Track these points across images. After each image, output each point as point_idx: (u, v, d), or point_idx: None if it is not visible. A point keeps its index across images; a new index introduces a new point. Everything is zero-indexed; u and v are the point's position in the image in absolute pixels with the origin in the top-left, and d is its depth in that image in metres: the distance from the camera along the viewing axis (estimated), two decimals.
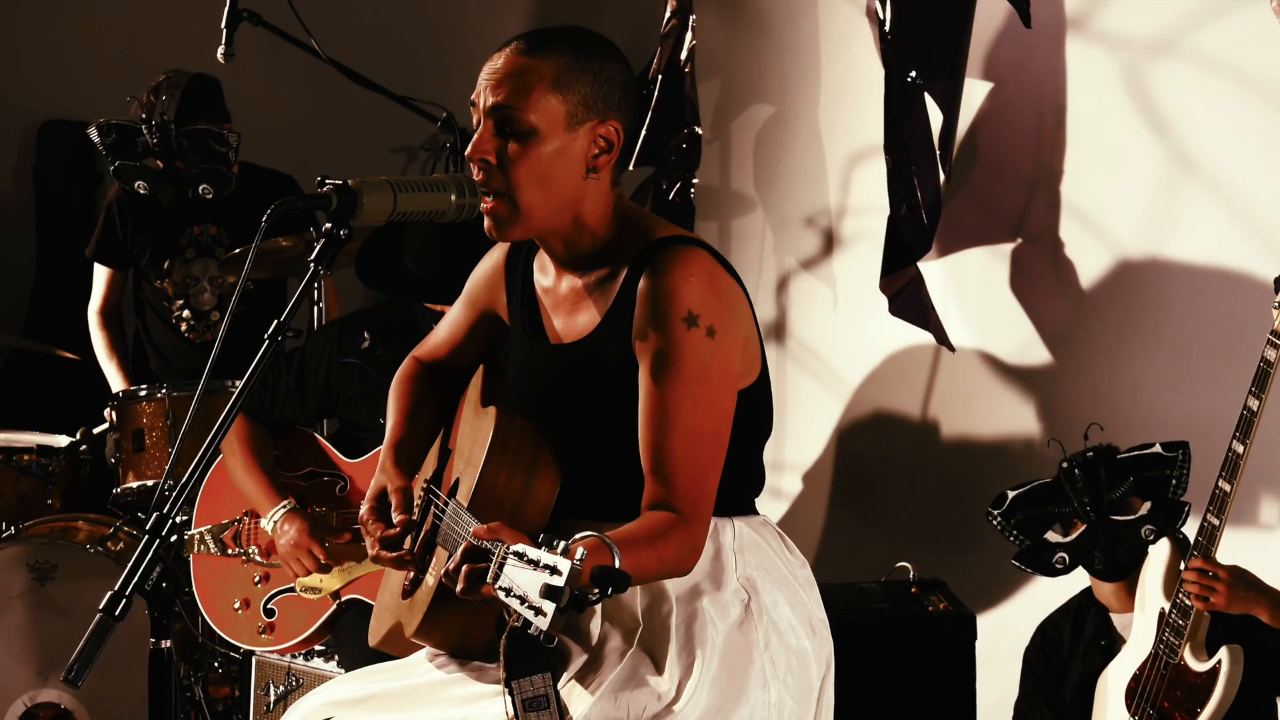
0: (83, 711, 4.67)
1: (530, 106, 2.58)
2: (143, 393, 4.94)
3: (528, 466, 2.69)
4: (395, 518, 2.83)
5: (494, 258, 2.95)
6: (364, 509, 2.88)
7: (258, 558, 4.19)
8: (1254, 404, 3.61)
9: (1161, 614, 3.81)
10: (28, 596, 4.67)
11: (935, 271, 5.29)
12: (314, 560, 4.05)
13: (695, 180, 5.67)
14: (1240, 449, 3.62)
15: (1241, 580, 3.70)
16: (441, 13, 6.64)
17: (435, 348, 3.09)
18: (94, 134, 5.18)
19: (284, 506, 4.09)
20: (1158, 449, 3.96)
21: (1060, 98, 5.05)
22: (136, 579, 2.38)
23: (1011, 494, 4.07)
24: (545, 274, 2.81)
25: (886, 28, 5.08)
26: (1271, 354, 3.59)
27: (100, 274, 5.57)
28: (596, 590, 2.22)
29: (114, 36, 6.60)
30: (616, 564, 2.31)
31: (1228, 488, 3.63)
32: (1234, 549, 3.87)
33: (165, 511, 2.41)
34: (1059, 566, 4.04)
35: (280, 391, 4.21)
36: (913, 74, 5.04)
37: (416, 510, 2.90)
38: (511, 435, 2.70)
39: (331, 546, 4.08)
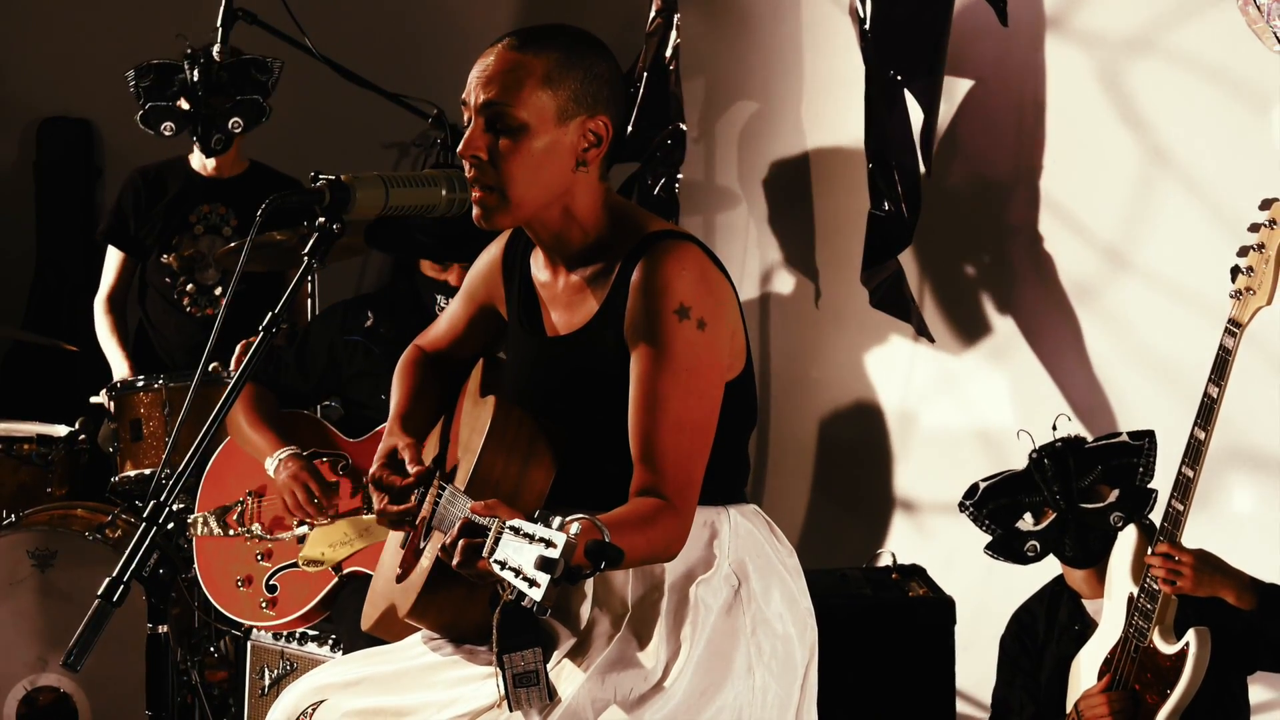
0: (81, 695, 4.69)
1: (521, 103, 2.61)
2: (140, 383, 4.97)
3: (524, 454, 2.72)
4: (411, 469, 2.82)
5: (492, 253, 2.97)
6: (374, 468, 2.88)
7: (260, 534, 4.25)
8: (1214, 391, 3.62)
9: (1130, 598, 3.81)
10: (28, 583, 4.69)
11: (915, 265, 5.34)
12: (305, 492, 4.11)
13: (679, 175, 5.72)
14: (1202, 435, 3.63)
15: (1207, 564, 3.71)
16: (432, 11, 6.67)
17: (436, 339, 3.11)
18: (131, 75, 5.21)
19: (290, 449, 4.16)
20: (1124, 438, 3.96)
21: (1039, 95, 5.08)
22: (134, 565, 2.41)
23: (983, 485, 4.06)
24: (542, 268, 2.83)
25: (867, 26, 5.11)
26: (1229, 342, 3.61)
27: (111, 258, 5.58)
28: (590, 564, 2.25)
29: (113, 35, 6.63)
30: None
31: (1190, 473, 3.64)
32: (1204, 534, 3.89)
33: (162, 499, 2.45)
34: (1030, 555, 4.04)
35: (282, 364, 4.29)
36: (893, 71, 5.07)
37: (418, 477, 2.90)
38: (509, 424, 2.73)
39: (323, 487, 4.15)
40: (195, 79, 5.19)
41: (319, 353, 4.29)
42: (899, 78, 5.07)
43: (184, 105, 5.23)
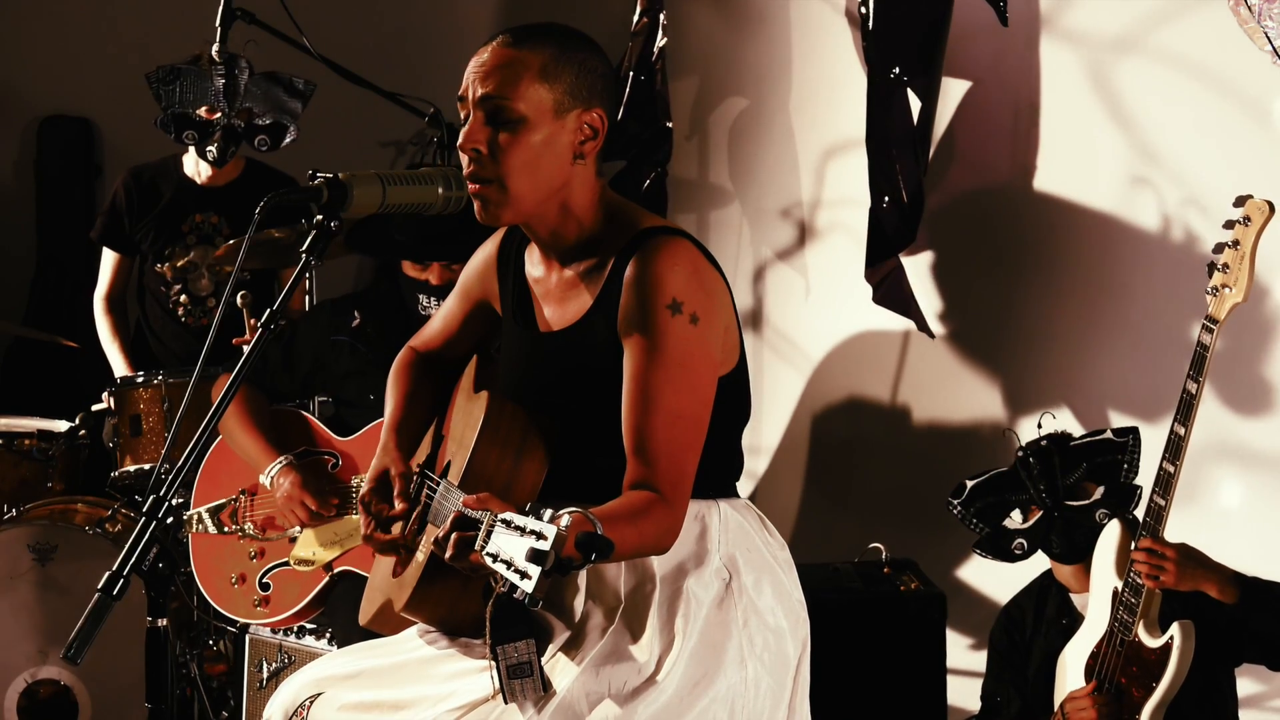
0: (82, 688, 4.71)
1: (519, 96, 2.64)
2: (140, 379, 4.98)
3: (517, 448, 2.74)
4: (397, 504, 2.87)
5: (487, 250, 2.99)
6: (365, 488, 2.92)
7: (252, 533, 4.28)
8: (1192, 387, 3.64)
9: (1115, 593, 3.83)
10: (29, 577, 4.71)
11: (911, 262, 5.37)
12: (305, 510, 4.14)
13: (665, 171, 5.73)
14: (1182, 431, 3.65)
15: (1189, 558, 3.72)
16: (428, 10, 6.68)
17: (430, 338, 3.13)
18: (154, 78, 5.18)
19: (281, 461, 4.18)
20: (1109, 435, 4.00)
21: (1034, 94, 5.09)
22: (134, 559, 2.42)
23: (970, 483, 4.10)
24: (536, 264, 2.85)
25: (870, 25, 5.11)
26: (1207, 338, 3.63)
27: (107, 259, 5.59)
28: (580, 555, 2.26)
29: (114, 34, 6.62)
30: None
31: (1171, 468, 3.66)
32: (1188, 529, 3.92)
33: (162, 494, 2.47)
34: (1018, 552, 4.07)
35: (271, 363, 4.32)
36: (895, 70, 5.07)
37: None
38: (503, 418, 2.76)
39: (322, 501, 4.18)
40: (224, 88, 5.21)
41: (304, 353, 4.32)
42: (901, 76, 5.09)
43: (204, 114, 5.25)
